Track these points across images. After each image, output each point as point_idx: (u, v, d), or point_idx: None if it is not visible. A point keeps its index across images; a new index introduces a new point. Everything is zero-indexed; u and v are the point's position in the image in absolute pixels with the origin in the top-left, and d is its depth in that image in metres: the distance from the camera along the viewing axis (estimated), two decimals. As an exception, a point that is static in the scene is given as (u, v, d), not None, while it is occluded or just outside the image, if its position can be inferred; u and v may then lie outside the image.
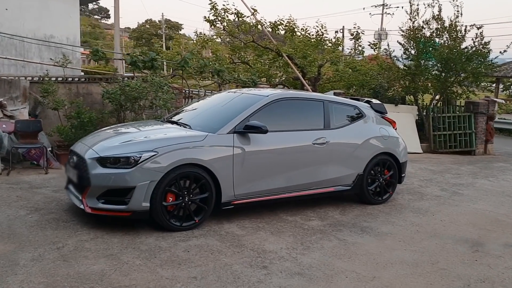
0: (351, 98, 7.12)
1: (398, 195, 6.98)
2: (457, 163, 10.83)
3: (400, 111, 12.91)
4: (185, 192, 4.84)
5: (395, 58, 13.96)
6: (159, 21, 59.44)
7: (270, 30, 12.00)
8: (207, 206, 4.99)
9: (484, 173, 9.51)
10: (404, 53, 13.54)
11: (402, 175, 6.70)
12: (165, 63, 12.34)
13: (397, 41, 13.40)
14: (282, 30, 12.13)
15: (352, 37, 13.14)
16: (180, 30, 62.46)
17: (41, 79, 8.56)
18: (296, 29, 12.28)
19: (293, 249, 4.56)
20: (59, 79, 9.08)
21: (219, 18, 11.56)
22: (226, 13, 11.51)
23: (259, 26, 11.89)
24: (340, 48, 14.02)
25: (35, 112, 8.81)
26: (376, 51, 13.91)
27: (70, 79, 9.30)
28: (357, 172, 6.12)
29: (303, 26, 12.88)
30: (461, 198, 7.08)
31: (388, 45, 13.52)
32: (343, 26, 39.50)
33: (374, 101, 6.80)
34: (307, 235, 5.01)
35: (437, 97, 13.88)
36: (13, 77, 8.74)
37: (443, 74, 13.19)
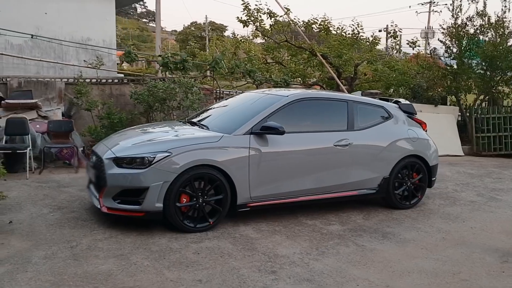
0: (380, 99, 6.86)
1: (429, 200, 6.67)
2: (501, 166, 10.25)
3: (440, 112, 12.40)
4: (199, 194, 4.80)
5: (437, 57, 13.44)
6: (203, 23, 60.30)
7: (303, 29, 11.82)
8: (222, 208, 4.93)
9: (529, 177, 8.94)
10: (446, 51, 13.01)
11: (433, 178, 6.38)
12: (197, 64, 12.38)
13: (438, 39, 12.90)
14: (316, 29, 11.93)
15: (389, 35, 12.73)
16: (225, 31, 63.03)
17: (76, 80, 8.80)
18: (330, 28, 12.04)
19: (306, 254, 4.42)
20: (93, 80, 9.31)
21: (252, 18, 11.51)
22: (259, 13, 11.45)
23: (292, 25, 11.74)
24: (380, 47, 13.59)
25: (70, 112, 9.08)
26: (415, 50, 13.41)
27: (104, 80, 9.52)
28: (382, 175, 5.88)
29: (339, 25, 12.63)
30: (498, 204, 6.66)
31: (428, 44, 13.04)
32: (387, 25, 38.60)
33: (403, 101, 6.52)
34: (324, 240, 4.85)
35: (481, 97, 13.25)
36: (49, 79, 9.05)
37: (488, 73, 12.56)
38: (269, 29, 11.80)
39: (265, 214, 5.49)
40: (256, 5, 11.33)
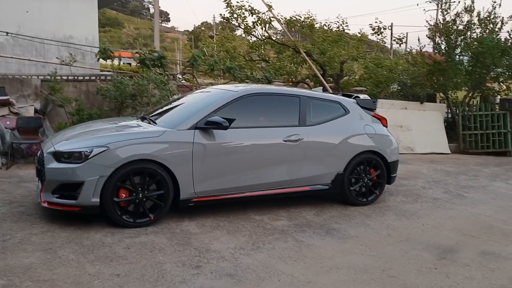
0: (343, 95, 6.77)
1: (391, 197, 6.57)
2: (483, 164, 10.08)
3: (427, 109, 12.24)
4: (139, 188, 4.78)
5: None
6: (215, 23, 60.64)
7: (285, 26, 11.75)
8: (163, 203, 4.90)
9: (508, 175, 8.78)
10: (435, 48, 12.82)
11: (392, 175, 6.29)
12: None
13: (426, 35, 12.71)
14: (298, 26, 11.84)
15: (373, 32, 12.59)
16: (235, 30, 63.21)
17: (51, 77, 8.85)
18: (313, 25, 11.93)
19: (240, 249, 4.37)
20: (70, 77, 9.36)
21: (235, 15, 11.46)
22: (241, 10, 11.40)
23: (274, 23, 11.69)
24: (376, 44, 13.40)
25: (46, 109, 9.13)
26: (400, 47, 13.23)
27: (81, 77, 9.56)
28: (336, 171, 5.81)
29: (326, 22, 12.53)
30: (461, 201, 6.55)
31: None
32: (392, 23, 38.20)
33: (362, 96, 6.43)
34: (265, 235, 4.80)
35: (471, 94, 13.04)
36: (25, 76, 9.11)
37: (475, 70, 12.34)
38: (252, 26, 11.74)
39: (214, 209, 5.46)
40: (238, 1, 11.30)
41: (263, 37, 12.21)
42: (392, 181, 6.39)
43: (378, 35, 12.66)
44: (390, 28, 38.52)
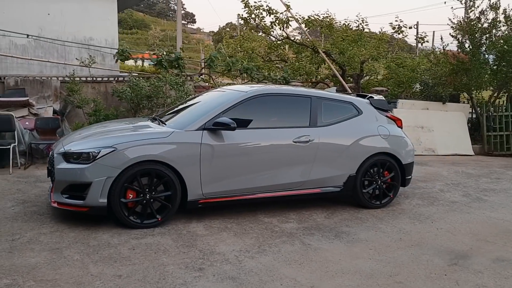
0: (358, 95, 6.64)
1: (406, 199, 6.42)
2: (507, 167, 9.76)
3: (449, 109, 11.95)
4: (147, 189, 4.79)
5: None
6: (239, 23, 60.80)
7: (303, 26, 11.63)
8: (171, 204, 4.90)
9: (532, 178, 8.46)
10: (459, 47, 12.49)
11: (407, 177, 6.13)
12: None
13: (450, 34, 12.40)
14: (317, 25, 11.72)
15: (394, 30, 12.34)
16: (257, 31, 63.18)
17: (70, 79, 8.99)
18: (333, 25, 11.78)
19: (245, 252, 4.32)
20: (89, 79, 9.50)
21: (253, 16, 11.43)
22: (258, 10, 11.35)
23: (291, 23, 11.60)
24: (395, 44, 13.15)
25: (65, 110, 9.29)
26: (422, 45, 12.94)
27: (99, 79, 9.69)
28: (348, 173, 5.70)
29: (345, 21, 12.36)
30: (480, 205, 6.33)
31: (441, 38, 12.54)
32: (417, 22, 37.53)
33: (376, 97, 6.28)
34: (272, 238, 4.74)
35: (496, 94, 12.66)
36: (45, 78, 9.28)
37: (502, 69, 11.97)
38: (270, 26, 11.68)
39: (223, 211, 5.43)
40: (255, 2, 11.26)
41: (281, 37, 12.12)
42: (407, 183, 6.23)
43: (399, 34, 12.42)
44: (415, 27, 37.94)
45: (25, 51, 10.70)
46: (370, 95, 6.39)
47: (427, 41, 12.67)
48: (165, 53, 9.61)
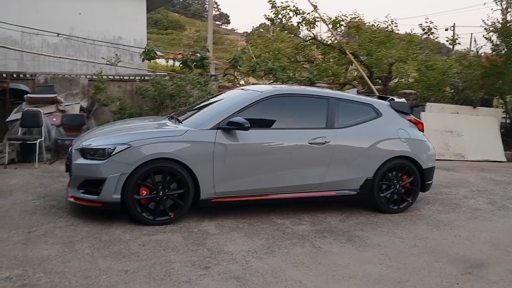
0: (379, 97, 6.52)
1: (427, 205, 6.25)
2: (540, 174, 9.36)
3: (480, 114, 11.59)
4: (160, 187, 4.83)
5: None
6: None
7: (331, 26, 11.51)
8: (183, 202, 4.93)
9: None
10: (493, 49, 12.10)
11: (427, 182, 5.96)
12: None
13: (483, 35, 12.01)
14: (345, 26, 11.57)
15: (423, 32, 12.05)
16: (288, 32, 62.93)
17: (98, 77, 9.19)
18: (361, 26, 11.61)
19: (253, 252, 4.31)
20: (116, 77, 9.69)
21: (280, 16, 11.39)
22: (285, 10, 11.30)
23: (319, 23, 11.51)
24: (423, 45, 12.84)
25: (92, 107, 9.50)
26: (453, 48, 12.57)
27: (126, 77, 9.87)
28: (365, 177, 5.59)
29: (374, 22, 12.17)
30: (505, 213, 6.11)
31: (474, 40, 12.20)
32: (454, 24, 36.55)
33: (397, 99, 6.15)
34: (282, 239, 4.70)
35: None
36: (74, 75, 9.53)
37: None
38: (296, 26, 11.62)
39: (236, 211, 5.43)
40: (282, 2, 11.23)
41: (308, 38, 12.02)
42: (427, 188, 6.06)
43: (429, 35, 12.11)
44: (452, 29, 37.01)
45: (56, 50, 11.02)
46: (391, 97, 6.26)
47: (459, 43, 12.33)
48: (190, 53, 9.70)
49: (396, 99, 6.14)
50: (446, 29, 15.95)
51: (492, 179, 8.53)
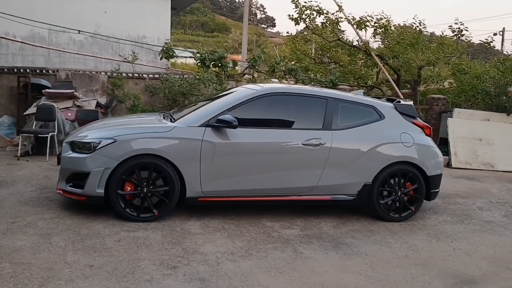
0: (387, 99, 6.21)
1: (434, 215, 5.89)
2: None
3: (514, 121, 10.87)
4: (144, 183, 4.77)
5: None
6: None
7: (355, 27, 11.17)
8: (168, 199, 4.85)
9: None
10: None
11: (433, 190, 5.61)
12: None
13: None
14: (370, 27, 11.21)
15: (453, 34, 11.48)
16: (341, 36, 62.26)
17: (113, 74, 9.32)
18: (388, 27, 11.20)
19: (229, 255, 4.16)
20: (135, 75, 9.79)
21: (303, 16, 11.17)
22: (309, 10, 11.07)
23: (343, 24, 11.20)
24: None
25: (111, 104, 9.64)
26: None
27: (144, 75, 9.96)
28: (364, 181, 5.32)
29: (404, 24, 11.73)
30: (520, 227, 5.65)
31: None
32: (504, 28, 34.91)
33: (404, 101, 5.83)
34: (265, 242, 4.52)
35: None
36: (94, 72, 9.70)
37: None
38: (321, 26, 11.36)
39: (227, 211, 5.29)
40: (305, 2, 10.99)
41: (332, 39, 11.73)
42: (433, 197, 5.71)
43: (459, 37, 11.54)
44: (501, 33, 35.31)
45: (82, 47, 11.28)
46: (397, 99, 5.95)
47: (494, 46, 11.67)
48: (208, 52, 9.66)
49: (403, 102, 5.82)
50: (495, 34, 15.18)
51: (518, 191, 7.97)
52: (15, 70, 9.63)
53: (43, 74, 9.58)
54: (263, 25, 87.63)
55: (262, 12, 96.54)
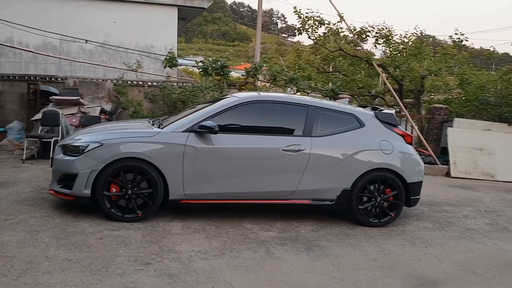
0: (373, 108, 6.37)
1: (415, 221, 6.01)
2: None
3: (516, 132, 10.85)
4: (129, 185, 5.04)
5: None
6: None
7: (356, 37, 11.33)
8: (152, 201, 5.10)
9: None
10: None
11: (413, 197, 5.74)
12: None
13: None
14: (371, 37, 11.35)
15: (454, 44, 11.53)
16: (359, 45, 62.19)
17: (117, 82, 9.69)
18: (390, 37, 11.33)
19: (203, 254, 4.37)
20: (139, 82, 10.15)
21: (306, 26, 11.39)
22: (310, 21, 11.28)
23: (342, 34, 11.37)
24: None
25: (116, 111, 10.00)
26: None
27: (149, 83, 10.30)
28: (342, 187, 5.49)
29: (406, 34, 11.84)
30: (500, 235, 5.72)
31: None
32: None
33: (386, 110, 5.98)
34: (240, 243, 4.73)
35: None
36: (100, 80, 10.09)
37: None
38: (322, 36, 11.56)
39: (210, 214, 5.51)
40: (307, 12, 11.23)
41: (334, 49, 11.90)
42: (413, 204, 5.84)
43: (460, 48, 11.59)
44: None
45: (92, 56, 11.74)
46: (380, 108, 6.11)
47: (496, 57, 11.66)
48: (211, 61, 9.96)
49: (385, 110, 5.98)
50: (467, 40, 14.97)
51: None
52: (26, 77, 10.10)
53: (52, 81, 10.02)
54: (283, 35, 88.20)
55: (283, 22, 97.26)
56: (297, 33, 11.52)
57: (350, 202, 5.52)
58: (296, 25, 11.64)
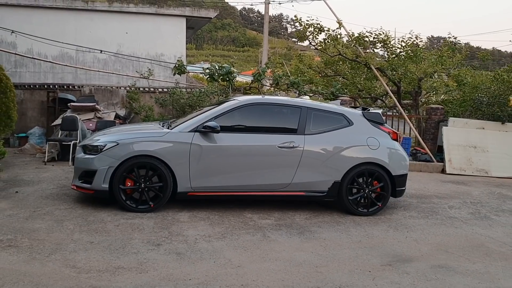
0: (363, 108, 6.96)
1: (402, 211, 6.58)
2: (559, 192, 9.11)
3: (509, 130, 11.34)
4: (142, 180, 5.69)
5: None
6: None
7: (354, 42, 11.91)
8: (162, 194, 5.75)
9: None
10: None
11: (398, 188, 6.32)
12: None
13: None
14: (368, 42, 11.91)
15: (446, 48, 12.05)
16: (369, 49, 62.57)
17: (130, 88, 10.41)
18: (387, 42, 11.90)
19: (207, 237, 5.00)
20: (151, 89, 10.85)
21: (307, 33, 12.00)
22: (311, 28, 11.89)
23: (343, 39, 11.97)
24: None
25: (129, 116, 10.72)
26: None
27: (160, 89, 11.00)
28: (333, 179, 6.09)
29: (403, 38, 12.39)
30: (479, 222, 6.26)
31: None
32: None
33: (372, 109, 6.58)
34: (240, 229, 5.35)
35: None
36: (114, 87, 10.82)
37: None
38: (322, 42, 12.16)
39: (215, 205, 6.15)
40: (307, 20, 11.85)
41: (334, 53, 12.49)
42: (399, 195, 6.41)
43: (453, 50, 12.11)
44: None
45: (106, 65, 12.50)
46: (369, 108, 6.70)
47: (492, 60, 12.15)
48: (217, 67, 10.62)
49: (372, 110, 6.57)
50: (460, 43, 15.34)
51: (500, 193, 8.50)
52: (45, 86, 10.88)
53: (70, 89, 10.76)
54: (293, 39, 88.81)
55: (293, 26, 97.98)
56: (298, 41, 12.10)
57: (341, 193, 6.12)
58: (297, 32, 12.27)
